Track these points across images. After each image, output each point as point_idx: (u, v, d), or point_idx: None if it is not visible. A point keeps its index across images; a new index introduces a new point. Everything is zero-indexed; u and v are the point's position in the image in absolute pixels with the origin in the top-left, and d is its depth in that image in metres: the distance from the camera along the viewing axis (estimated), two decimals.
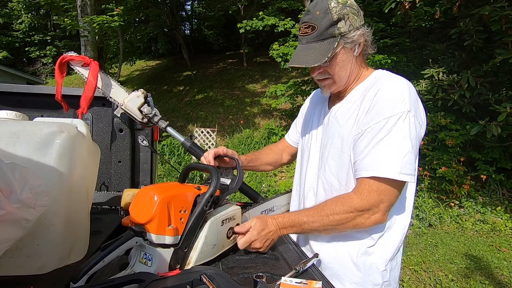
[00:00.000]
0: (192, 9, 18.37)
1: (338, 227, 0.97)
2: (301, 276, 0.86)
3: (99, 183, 1.71)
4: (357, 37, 0.98)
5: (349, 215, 0.94)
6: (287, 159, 1.47)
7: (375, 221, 0.95)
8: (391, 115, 0.92)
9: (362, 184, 0.94)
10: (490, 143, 4.94)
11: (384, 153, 0.91)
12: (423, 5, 5.62)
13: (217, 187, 0.90)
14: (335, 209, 0.95)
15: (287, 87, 7.31)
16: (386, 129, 0.92)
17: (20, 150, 0.82)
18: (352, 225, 0.96)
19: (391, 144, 0.91)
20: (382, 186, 0.92)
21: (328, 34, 0.96)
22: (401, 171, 0.89)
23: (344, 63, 1.01)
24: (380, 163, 0.91)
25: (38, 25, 19.48)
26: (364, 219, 0.94)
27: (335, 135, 1.06)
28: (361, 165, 0.95)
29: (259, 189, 6.05)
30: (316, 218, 0.97)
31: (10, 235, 0.70)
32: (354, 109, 1.02)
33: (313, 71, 1.05)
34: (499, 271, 3.40)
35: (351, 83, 1.06)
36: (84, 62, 1.43)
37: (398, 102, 0.92)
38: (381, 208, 0.94)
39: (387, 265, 1.04)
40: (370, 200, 0.92)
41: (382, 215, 0.95)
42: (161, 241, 0.81)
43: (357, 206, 0.93)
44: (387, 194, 0.93)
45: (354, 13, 0.98)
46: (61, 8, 11.11)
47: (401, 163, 0.90)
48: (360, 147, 0.96)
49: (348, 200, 0.95)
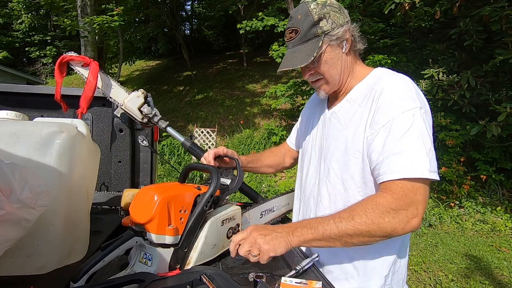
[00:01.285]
0: (192, 9, 18.39)
1: (373, 233, 0.83)
2: (301, 276, 0.86)
3: (99, 183, 1.71)
4: (342, 33, 0.97)
5: (383, 215, 0.83)
6: (289, 163, 1.45)
7: (414, 226, 0.84)
8: (403, 110, 0.88)
9: (393, 186, 0.85)
10: (490, 143, 4.94)
11: (409, 153, 0.85)
12: (423, 5, 5.62)
13: (217, 187, 0.90)
14: (367, 208, 0.84)
15: (287, 87, 7.32)
16: (403, 125, 0.87)
17: (20, 150, 0.82)
18: (389, 230, 0.83)
19: (414, 142, 0.86)
20: (416, 186, 0.84)
21: (311, 34, 0.96)
22: (430, 169, 0.84)
23: (333, 61, 1.00)
24: (408, 163, 0.84)
25: (38, 25, 19.48)
26: (403, 223, 0.83)
27: (338, 136, 1.03)
28: (385, 168, 0.87)
29: (259, 189, 6.05)
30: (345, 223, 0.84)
31: (10, 235, 0.70)
32: (356, 109, 1.00)
33: (305, 74, 1.05)
34: (499, 271, 3.40)
35: (345, 80, 1.05)
36: (84, 62, 1.43)
37: (408, 98, 0.90)
38: (420, 211, 0.85)
39: (390, 269, 1.01)
40: (407, 200, 0.83)
41: (421, 220, 0.85)
42: (161, 241, 0.81)
43: (392, 205, 0.83)
44: (422, 194, 0.85)
45: (335, 11, 0.98)
46: (61, 8, 11.12)
47: (428, 160, 0.85)
48: (378, 147, 0.90)
49: (381, 199, 0.85)
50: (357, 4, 7.32)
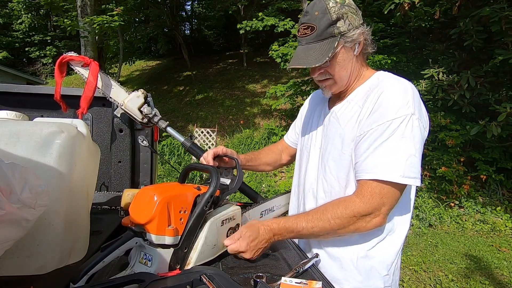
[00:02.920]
0: (192, 9, 18.38)
1: (339, 231, 0.95)
2: (301, 276, 0.86)
3: (99, 183, 1.71)
4: (357, 36, 0.97)
5: (351, 219, 0.92)
6: (286, 160, 1.46)
7: (375, 224, 0.94)
8: (394, 117, 0.90)
9: (364, 186, 0.93)
10: (490, 143, 4.94)
11: (386, 156, 0.90)
12: (422, 6, 5.62)
13: (217, 187, 0.90)
14: (337, 213, 0.93)
15: (287, 87, 7.31)
16: (389, 131, 0.90)
17: (20, 150, 0.82)
18: (353, 229, 0.94)
19: (394, 147, 0.90)
20: (385, 189, 0.90)
21: (328, 33, 0.95)
22: (403, 174, 0.88)
23: (345, 63, 1.00)
24: (382, 166, 0.89)
25: (38, 25, 19.48)
26: (366, 222, 0.93)
27: (335, 135, 1.04)
28: (362, 167, 0.94)
29: (259, 189, 6.05)
30: (316, 223, 0.95)
31: (10, 235, 0.70)
32: (356, 110, 1.01)
33: (314, 72, 1.04)
34: (499, 271, 3.40)
35: (352, 83, 1.05)
36: (84, 62, 1.43)
37: (402, 105, 0.91)
38: (382, 212, 0.93)
39: (389, 270, 1.02)
40: (373, 203, 0.91)
41: (383, 219, 0.94)
42: (161, 241, 0.81)
43: (360, 210, 0.92)
44: (389, 197, 0.91)
45: (353, 12, 0.97)
46: (61, 8, 11.12)
47: (404, 166, 0.88)
48: (362, 148, 0.95)
49: (350, 203, 0.93)
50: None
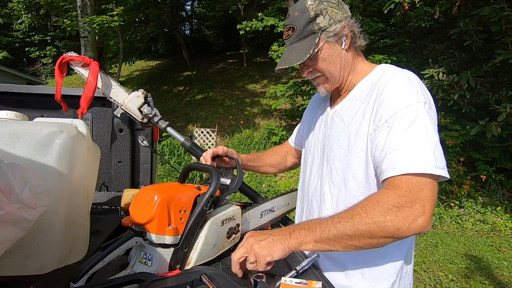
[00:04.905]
0: (192, 9, 18.39)
1: (374, 233, 0.77)
2: (301, 276, 0.86)
3: (99, 183, 1.71)
4: (340, 30, 0.95)
5: (385, 213, 0.76)
6: (291, 162, 1.44)
7: (422, 225, 0.76)
8: (407, 104, 0.84)
9: (396, 182, 0.79)
10: (490, 143, 4.94)
11: (413, 147, 0.79)
12: (422, 5, 5.62)
13: (217, 187, 0.90)
14: (367, 207, 0.78)
15: (287, 87, 7.32)
16: (407, 119, 0.82)
17: (20, 150, 0.82)
18: (392, 230, 0.76)
19: (418, 136, 0.80)
20: (422, 180, 0.77)
21: (308, 31, 0.95)
22: (436, 165, 0.77)
23: (332, 58, 0.98)
24: (411, 158, 0.78)
25: (38, 25, 19.48)
26: (408, 221, 0.75)
27: (341, 135, 1.00)
28: (387, 164, 0.81)
29: (259, 189, 6.05)
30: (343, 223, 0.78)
31: (10, 235, 0.70)
32: (359, 106, 0.97)
33: (303, 72, 1.03)
34: (499, 271, 3.40)
35: (346, 77, 1.02)
36: (84, 62, 1.43)
37: (411, 92, 0.86)
38: (427, 210, 0.76)
39: (397, 275, 0.98)
40: (411, 196, 0.76)
41: (429, 220, 0.77)
42: (161, 241, 0.81)
43: (395, 202, 0.76)
44: (429, 190, 0.77)
45: (333, 6, 0.96)
46: (61, 8, 11.12)
47: (434, 155, 0.78)
48: (380, 143, 0.85)
49: (383, 196, 0.78)
50: (357, 4, 7.33)
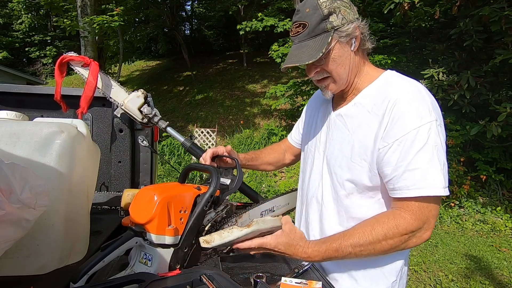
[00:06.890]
0: (192, 9, 18.38)
1: (389, 251, 0.89)
2: (301, 276, 0.86)
3: (99, 183, 1.71)
4: (352, 30, 0.93)
5: (403, 238, 0.87)
6: (289, 159, 1.43)
7: (425, 238, 0.90)
8: (420, 124, 0.86)
9: (410, 205, 0.88)
10: (490, 143, 4.94)
11: (426, 169, 0.86)
12: (422, 6, 5.62)
13: (217, 187, 0.90)
14: (388, 234, 0.87)
15: (287, 87, 7.32)
16: (420, 140, 0.86)
17: (20, 150, 0.83)
18: (403, 247, 0.89)
19: (430, 159, 0.86)
20: (432, 201, 0.88)
21: (320, 29, 0.91)
22: (444, 185, 0.86)
23: (342, 59, 0.95)
24: (425, 181, 0.86)
25: (38, 25, 19.50)
26: (417, 238, 0.88)
27: (344, 142, 0.99)
28: (401, 183, 0.88)
29: (259, 189, 6.05)
30: (365, 247, 0.88)
31: (10, 235, 0.70)
32: (365, 115, 0.96)
33: (310, 72, 1.00)
34: (499, 271, 3.40)
35: (352, 80, 1.00)
36: (84, 62, 1.43)
37: (424, 110, 0.88)
38: (431, 225, 0.89)
39: (397, 274, 1.00)
40: (423, 218, 0.87)
41: (431, 231, 0.90)
42: (161, 241, 0.81)
43: (413, 227, 0.87)
44: (436, 209, 0.89)
45: (345, 6, 0.94)
46: (61, 8, 11.12)
47: (443, 176, 0.86)
48: (392, 161, 0.89)
49: (402, 221, 0.87)
50: (357, 4, 7.33)
